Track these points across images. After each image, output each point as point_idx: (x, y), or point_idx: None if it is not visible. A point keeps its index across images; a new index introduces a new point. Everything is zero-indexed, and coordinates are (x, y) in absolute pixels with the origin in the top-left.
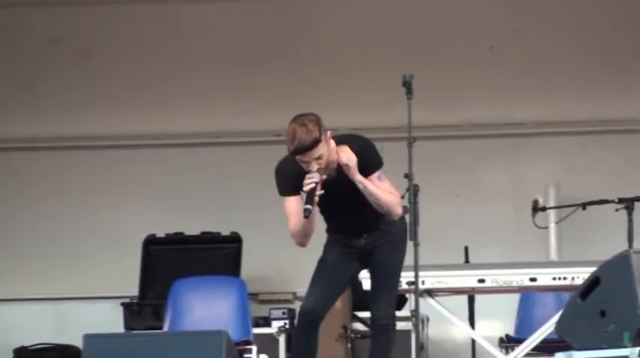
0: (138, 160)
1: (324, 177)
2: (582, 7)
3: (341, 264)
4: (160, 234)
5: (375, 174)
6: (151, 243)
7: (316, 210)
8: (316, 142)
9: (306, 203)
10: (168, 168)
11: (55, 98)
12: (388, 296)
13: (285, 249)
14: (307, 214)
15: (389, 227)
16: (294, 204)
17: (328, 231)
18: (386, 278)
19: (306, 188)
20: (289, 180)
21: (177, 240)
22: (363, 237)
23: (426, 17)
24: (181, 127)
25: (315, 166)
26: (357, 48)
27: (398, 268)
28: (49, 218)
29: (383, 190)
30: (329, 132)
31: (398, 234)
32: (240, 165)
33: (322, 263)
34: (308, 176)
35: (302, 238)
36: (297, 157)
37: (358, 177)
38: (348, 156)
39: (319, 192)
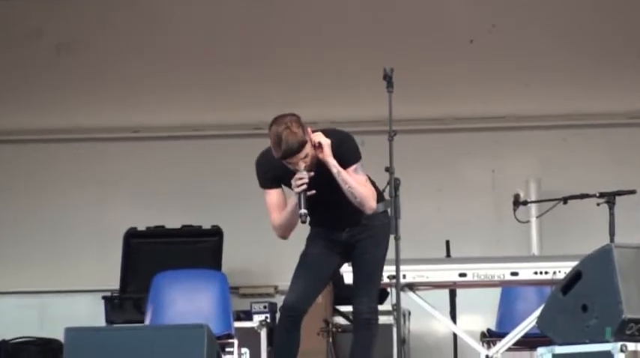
0: (118, 153)
1: (312, 174)
2: (563, 1)
3: (323, 258)
4: (141, 227)
5: (352, 167)
6: (132, 237)
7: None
8: (303, 144)
9: (301, 207)
10: (149, 162)
11: (37, 91)
12: (370, 291)
13: (266, 242)
14: (304, 219)
15: (371, 221)
16: (275, 197)
17: (311, 224)
18: (368, 272)
19: (298, 189)
20: (270, 172)
21: (158, 233)
22: (345, 230)
23: (406, 11)
24: (162, 121)
25: (302, 165)
26: (337, 41)
27: (380, 262)
28: (30, 211)
29: (357, 182)
30: (309, 129)
31: (380, 228)
32: (221, 158)
33: (304, 257)
34: (297, 176)
35: (284, 231)
36: (285, 161)
37: (331, 161)
38: (321, 139)
39: (310, 192)
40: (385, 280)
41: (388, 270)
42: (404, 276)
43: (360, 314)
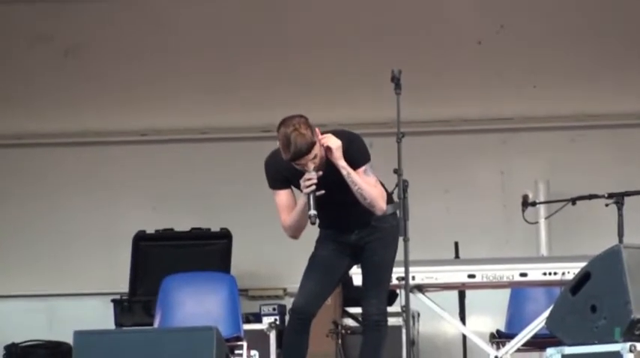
0: (127, 157)
1: (321, 173)
2: (571, 1)
3: (332, 260)
4: (150, 230)
5: (362, 168)
6: (141, 240)
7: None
8: (312, 145)
9: (310, 208)
10: (158, 165)
11: (44, 95)
12: (380, 292)
13: (275, 244)
14: (314, 221)
15: (380, 223)
16: (284, 198)
17: (320, 225)
18: (378, 274)
19: (307, 190)
20: (279, 173)
21: (167, 236)
22: (354, 232)
23: (414, 13)
24: (170, 124)
25: (311, 166)
26: (345, 44)
27: (389, 264)
28: (39, 215)
29: (367, 183)
30: (317, 129)
31: (389, 229)
32: (229, 161)
33: (313, 259)
34: (306, 177)
35: (294, 232)
36: (294, 163)
37: (342, 163)
38: (332, 141)
39: (320, 192)
40: (394, 281)
41: (397, 272)
42: (413, 278)
43: (369, 315)
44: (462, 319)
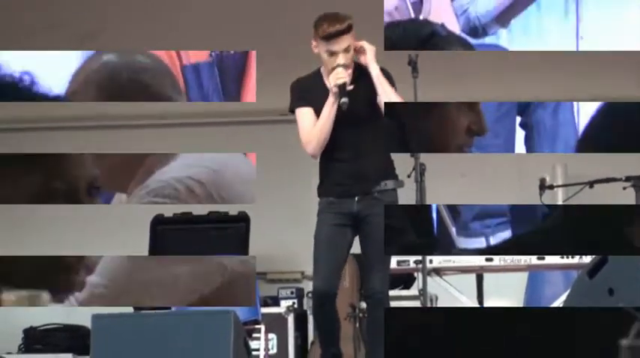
0: (145, 140)
1: (350, 71)
2: None
3: (336, 237)
4: (168, 213)
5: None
6: (158, 223)
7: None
8: (350, 27)
9: (341, 96)
10: (176, 148)
11: None
12: (384, 269)
13: (293, 228)
14: (345, 107)
15: (382, 195)
16: (306, 115)
17: (321, 189)
18: (381, 251)
19: (338, 82)
20: (304, 92)
21: (185, 219)
22: (355, 199)
23: None
24: (187, 107)
25: (342, 60)
26: (363, 28)
27: None
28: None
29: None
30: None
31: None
32: (247, 144)
33: (319, 241)
34: (335, 72)
35: (316, 145)
36: (327, 47)
37: (374, 64)
38: (368, 44)
39: (349, 87)
40: (412, 265)
41: (415, 255)
42: (430, 261)
43: (375, 292)
44: (480, 302)
